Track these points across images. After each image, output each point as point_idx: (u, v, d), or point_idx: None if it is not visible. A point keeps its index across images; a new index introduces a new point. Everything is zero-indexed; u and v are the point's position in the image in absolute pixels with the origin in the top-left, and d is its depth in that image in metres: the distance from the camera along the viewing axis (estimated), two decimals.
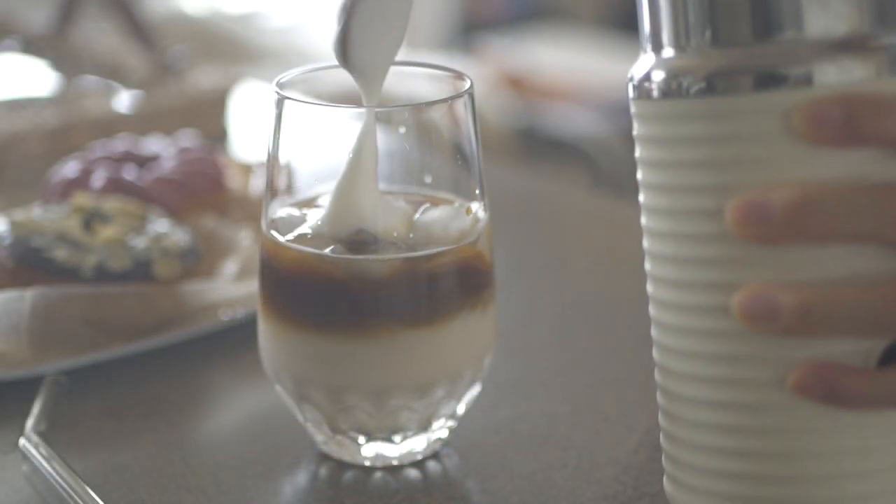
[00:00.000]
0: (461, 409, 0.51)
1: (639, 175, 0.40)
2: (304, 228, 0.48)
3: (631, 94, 0.39)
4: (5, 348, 0.58)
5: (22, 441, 0.51)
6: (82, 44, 1.18)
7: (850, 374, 0.36)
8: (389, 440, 0.50)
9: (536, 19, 3.07)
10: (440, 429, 0.51)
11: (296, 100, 0.48)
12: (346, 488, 0.49)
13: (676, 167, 0.37)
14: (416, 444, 0.50)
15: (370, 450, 0.50)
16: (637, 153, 0.40)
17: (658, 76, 0.37)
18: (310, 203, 0.50)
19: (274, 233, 0.49)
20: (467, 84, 0.49)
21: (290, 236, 0.48)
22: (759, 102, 0.35)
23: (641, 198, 0.40)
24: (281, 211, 0.50)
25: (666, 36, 0.38)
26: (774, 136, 0.35)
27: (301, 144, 0.49)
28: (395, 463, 0.50)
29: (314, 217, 0.48)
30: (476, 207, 0.50)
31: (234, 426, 0.56)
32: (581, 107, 2.55)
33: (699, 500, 0.40)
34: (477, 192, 0.50)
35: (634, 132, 0.39)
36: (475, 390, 0.51)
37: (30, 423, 0.52)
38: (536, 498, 0.48)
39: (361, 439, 0.50)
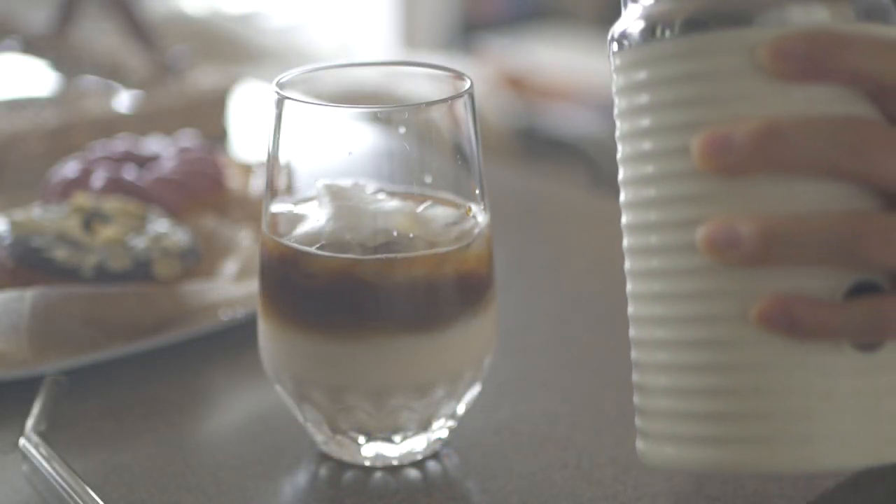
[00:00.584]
0: (461, 409, 0.51)
1: (617, 132, 0.41)
2: (305, 229, 0.48)
3: (613, 49, 0.41)
4: (5, 348, 0.58)
5: (22, 441, 0.51)
6: (82, 44, 1.18)
7: (812, 305, 0.36)
8: (389, 440, 0.50)
9: (536, 19, 3.07)
10: (440, 429, 0.51)
11: (296, 100, 0.48)
12: (346, 488, 0.49)
13: (652, 110, 0.39)
14: (416, 444, 0.50)
15: (370, 450, 0.50)
16: (616, 110, 0.41)
17: (637, 25, 0.39)
18: (310, 203, 0.50)
19: (274, 233, 0.49)
20: (467, 84, 0.49)
21: (291, 237, 0.48)
22: (728, 40, 0.37)
23: (619, 153, 0.41)
24: (281, 211, 0.50)
25: None
26: (743, 72, 0.37)
27: (301, 144, 0.49)
28: (395, 463, 0.50)
29: (315, 217, 0.48)
30: (476, 208, 0.50)
31: (234, 426, 0.56)
32: (581, 107, 2.55)
33: (671, 448, 0.40)
34: (477, 192, 0.50)
35: (614, 89, 0.41)
36: (475, 390, 0.51)
37: (30, 423, 0.52)
38: (536, 498, 0.48)
39: (361, 439, 0.50)
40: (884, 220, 0.36)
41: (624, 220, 0.41)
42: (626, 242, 0.41)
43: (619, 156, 0.41)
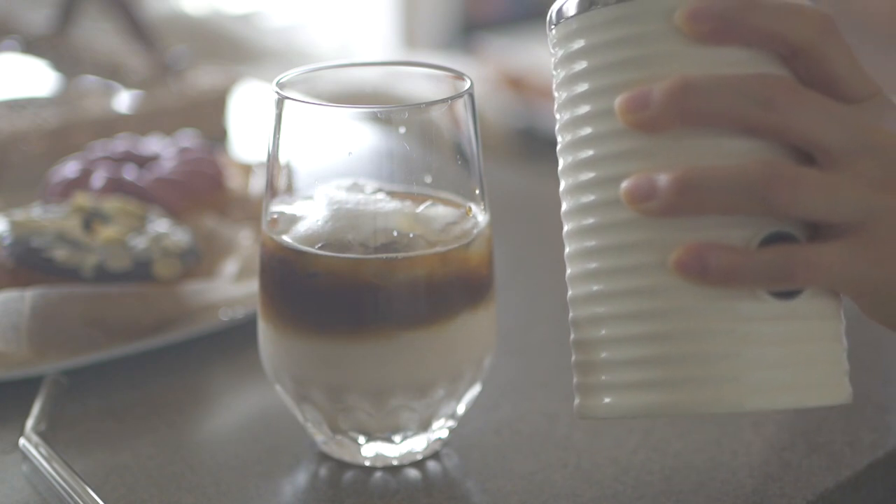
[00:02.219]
0: (461, 409, 0.51)
1: (555, 104, 0.43)
2: (305, 229, 0.48)
3: (552, 24, 0.43)
4: (5, 348, 0.58)
5: (22, 441, 0.51)
6: (82, 44, 1.18)
7: (724, 251, 0.38)
8: (389, 440, 0.50)
9: (536, 19, 3.07)
10: (440, 429, 0.51)
11: (296, 100, 0.48)
12: (346, 488, 0.49)
13: (588, 74, 0.41)
14: (416, 444, 0.50)
15: (370, 450, 0.50)
16: (555, 83, 0.43)
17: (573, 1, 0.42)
18: (310, 203, 0.50)
19: (274, 233, 0.49)
20: (467, 84, 0.49)
21: (291, 237, 0.48)
22: (652, 5, 0.39)
23: (558, 121, 0.43)
24: (281, 211, 0.50)
25: None
26: (665, 36, 0.39)
27: (301, 144, 0.49)
28: (395, 463, 0.50)
29: (315, 217, 0.48)
30: (476, 208, 0.50)
31: (234, 426, 0.56)
32: None
33: (608, 397, 0.41)
34: (477, 192, 0.50)
35: (553, 62, 0.43)
36: (475, 390, 0.51)
37: (30, 423, 0.52)
38: (536, 498, 0.48)
39: (361, 439, 0.50)
40: (791, 168, 0.38)
41: (562, 185, 0.43)
42: (563, 206, 0.43)
43: (557, 125, 0.43)
